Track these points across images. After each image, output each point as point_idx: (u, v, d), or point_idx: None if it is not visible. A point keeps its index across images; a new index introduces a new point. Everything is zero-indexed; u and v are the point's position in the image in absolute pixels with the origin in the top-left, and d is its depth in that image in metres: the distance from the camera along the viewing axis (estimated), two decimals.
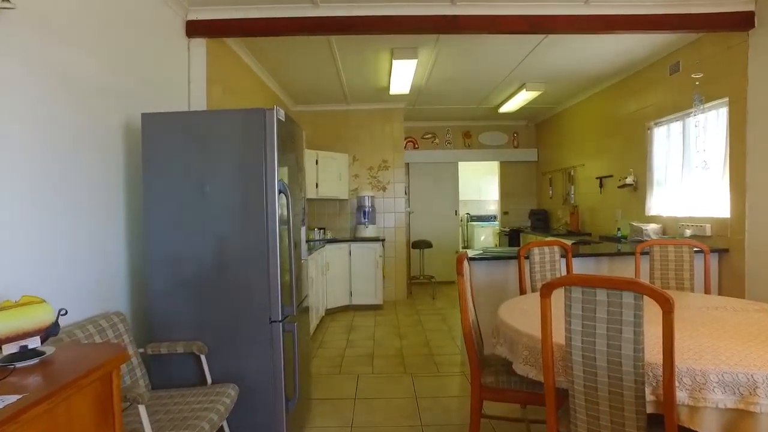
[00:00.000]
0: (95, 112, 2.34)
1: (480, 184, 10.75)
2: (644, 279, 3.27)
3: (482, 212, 10.99)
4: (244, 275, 2.38)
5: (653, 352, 1.59)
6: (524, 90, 5.77)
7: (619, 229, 4.99)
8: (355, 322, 5.59)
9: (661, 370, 1.48)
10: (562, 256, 3.27)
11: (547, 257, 3.17)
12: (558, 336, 1.71)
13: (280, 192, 2.41)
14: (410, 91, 5.93)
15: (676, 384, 1.46)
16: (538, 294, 2.58)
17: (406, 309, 6.28)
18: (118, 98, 2.53)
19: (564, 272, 3.27)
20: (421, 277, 7.39)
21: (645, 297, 1.48)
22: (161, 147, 2.40)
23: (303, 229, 3.04)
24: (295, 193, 2.84)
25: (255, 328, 2.40)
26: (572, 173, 6.77)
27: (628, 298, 1.50)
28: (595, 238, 5.54)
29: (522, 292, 3.09)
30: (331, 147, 6.73)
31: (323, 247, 5.72)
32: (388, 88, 5.78)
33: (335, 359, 4.24)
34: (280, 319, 2.40)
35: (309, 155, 6.04)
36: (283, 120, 2.49)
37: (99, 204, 2.36)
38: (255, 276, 2.38)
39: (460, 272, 2.31)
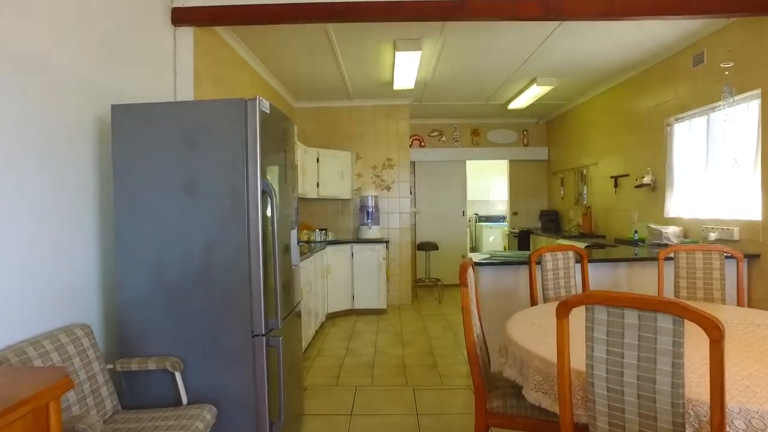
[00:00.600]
0: (66, 105, 2.11)
1: (488, 183, 10.46)
2: (668, 288, 2.99)
3: (491, 213, 10.69)
4: (222, 284, 2.15)
5: (693, 385, 1.32)
6: (535, 85, 5.49)
7: (636, 232, 4.69)
8: (357, 328, 5.35)
9: (706, 409, 1.22)
10: (576, 262, 3.00)
11: (560, 263, 2.90)
12: (577, 361, 1.45)
13: (263, 192, 2.17)
14: (415, 86, 5.67)
15: (727, 429, 1.20)
16: (550, 306, 2.31)
17: (411, 314, 6.02)
18: (93, 90, 2.30)
19: (579, 280, 3.00)
20: (427, 280, 7.13)
21: (686, 321, 1.21)
22: (132, 142, 2.17)
23: (293, 233, 2.80)
24: (285, 192, 2.60)
25: (235, 343, 2.16)
26: (585, 172, 6.47)
27: (665, 321, 1.23)
28: (610, 241, 5.25)
29: (533, 301, 2.83)
30: (334, 145, 6.50)
31: (324, 248, 5.48)
32: (391, 83, 5.53)
33: (333, 369, 4.00)
34: (263, 332, 2.16)
35: (310, 153, 5.81)
36: (268, 111, 2.25)
37: (68, 205, 2.14)
38: (235, 285, 2.14)
39: (463, 283, 2.06)
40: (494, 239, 9.82)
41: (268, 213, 2.21)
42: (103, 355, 2.25)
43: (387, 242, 6.11)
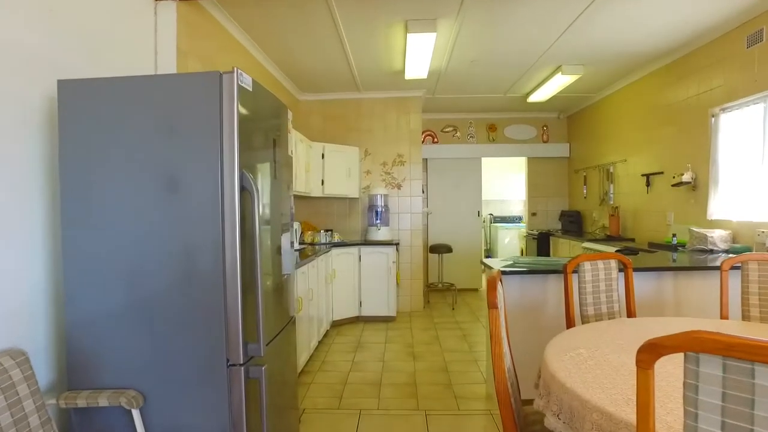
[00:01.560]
0: (11, 84, 1.72)
1: (504, 182, 9.98)
2: (733, 305, 2.53)
3: (506, 213, 10.21)
4: (191, 301, 1.74)
5: None
6: (560, 73, 5.02)
7: (674, 236, 4.20)
8: (364, 338, 4.92)
9: None
10: (620, 270, 2.55)
11: (601, 274, 2.44)
12: (663, 426, 1.01)
13: (243, 189, 1.75)
14: (428, 75, 5.24)
15: None
16: (597, 329, 1.86)
17: (423, 322, 5.59)
18: (49, 66, 1.90)
19: (622, 293, 2.55)
20: (440, 285, 6.69)
21: None
22: (82, 126, 1.77)
23: (286, 237, 2.39)
24: (276, 190, 2.19)
25: (207, 374, 1.75)
26: (611, 170, 5.97)
27: None
28: (642, 245, 4.76)
29: (569, 318, 2.38)
30: (341, 140, 6.09)
31: (329, 251, 5.07)
32: (403, 71, 5.10)
33: (335, 387, 3.58)
34: (241, 361, 1.75)
35: (314, 148, 5.40)
36: (250, 89, 1.84)
37: (12, 204, 1.74)
38: (206, 302, 1.73)
39: (492, 303, 1.62)
40: (510, 241, 9.36)
41: (251, 214, 1.80)
42: (51, 387, 1.85)
43: (397, 244, 5.68)
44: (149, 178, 1.74)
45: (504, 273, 2.96)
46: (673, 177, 4.44)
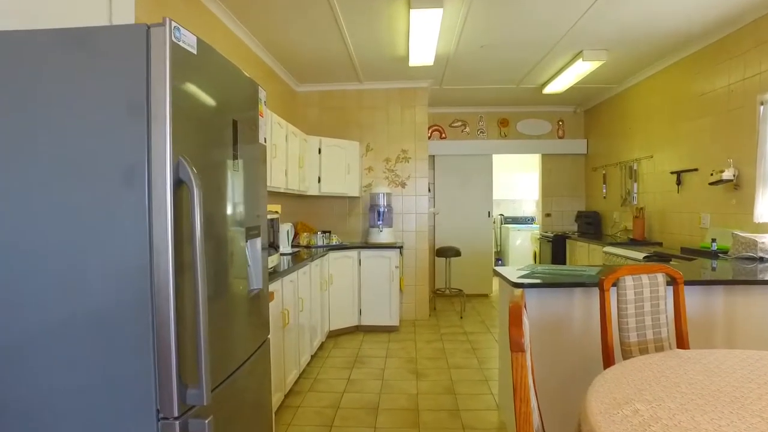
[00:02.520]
0: None
1: (516, 180, 9.47)
2: None
3: (518, 214, 9.71)
4: (107, 333, 1.29)
5: None
6: (581, 60, 4.53)
7: (713, 241, 3.70)
8: (363, 351, 4.47)
9: None
10: (668, 284, 2.07)
11: (646, 291, 1.97)
12: None
13: (180, 182, 1.31)
14: (435, 62, 4.78)
15: None
16: (648, 367, 1.41)
17: (428, 332, 5.12)
18: None
19: (670, 315, 2.07)
20: (447, 290, 6.22)
21: None
22: None
23: (255, 243, 1.94)
24: (241, 185, 1.75)
25: (131, 429, 1.30)
26: (635, 168, 5.47)
27: None
28: (673, 250, 4.26)
29: (606, 350, 1.91)
30: (341, 134, 5.64)
31: (325, 255, 4.63)
32: (407, 57, 4.64)
33: (326, 412, 3.13)
34: (176, 413, 1.30)
35: (310, 142, 4.96)
36: (194, 51, 1.39)
37: None
38: (128, 335, 1.29)
39: (517, 345, 1.15)
40: (521, 243, 8.86)
41: (195, 215, 1.34)
42: None
43: (401, 247, 5.22)
44: (44, 167, 1.29)
45: (521, 286, 2.49)
46: (711, 174, 3.94)
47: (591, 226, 6.52)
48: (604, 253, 4.94)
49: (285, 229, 4.30)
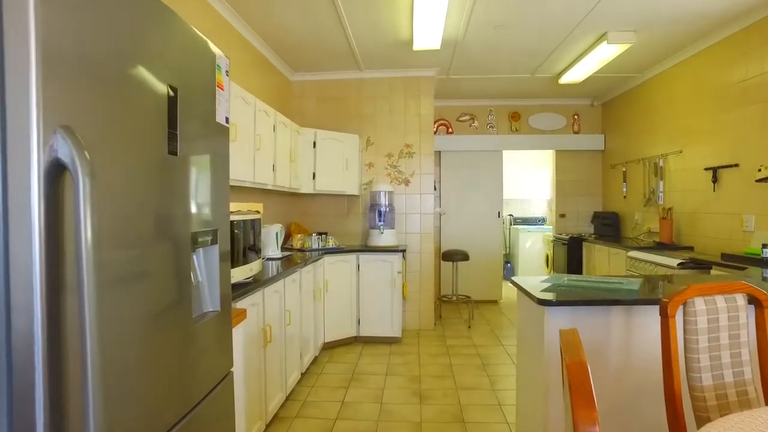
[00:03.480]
0: None
1: (525, 179, 8.99)
2: None
3: (528, 214, 9.22)
4: None
5: None
6: (605, 43, 4.05)
7: (764, 247, 3.21)
8: (360, 366, 4.02)
9: None
10: (749, 303, 1.60)
11: (722, 318, 1.50)
12: None
13: (60, 167, 0.85)
14: (442, 46, 4.31)
15: None
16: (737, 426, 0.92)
17: (433, 344, 4.66)
18: None
19: (753, 347, 1.59)
20: (454, 297, 5.75)
21: None
22: None
23: (212, 252, 1.49)
24: (178, 176, 1.29)
25: None
26: (661, 164, 4.98)
27: None
28: (709, 255, 3.77)
29: (673, 402, 1.43)
30: (340, 126, 5.18)
31: (319, 259, 4.18)
32: (411, 41, 4.18)
33: None
34: None
35: (304, 135, 4.51)
36: None
37: None
38: None
39: (590, 419, 0.69)
40: (532, 245, 8.37)
41: (81, 215, 0.88)
42: None
43: (403, 251, 4.76)
44: None
45: (549, 304, 2.02)
46: (759, 170, 3.46)
47: (609, 227, 6.04)
48: (628, 258, 4.46)
49: (273, 231, 3.85)
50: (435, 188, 5.77)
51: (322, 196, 5.25)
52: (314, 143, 4.56)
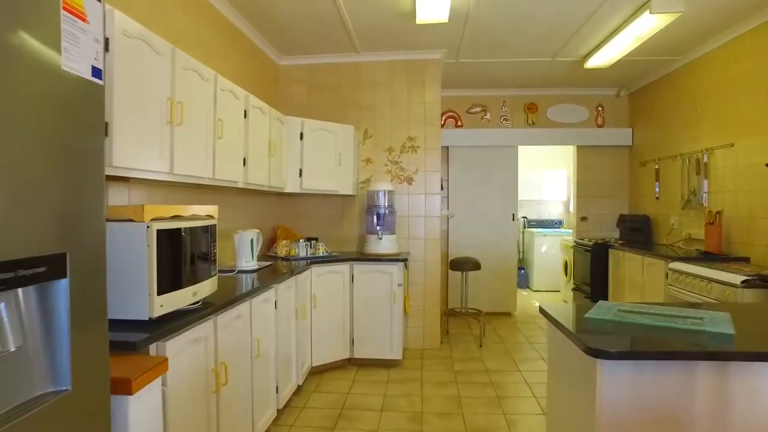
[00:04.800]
0: None
1: (540, 178, 8.28)
2: None
3: (543, 216, 8.53)
4: None
5: None
6: (646, 12, 3.37)
7: None
8: (352, 399, 3.38)
9: None
10: None
11: None
12: None
13: None
14: (450, 21, 3.66)
15: None
16: None
17: (439, 368, 4.01)
18: None
19: None
20: (463, 310, 5.09)
21: None
22: None
23: (56, 291, 0.85)
24: (20, 164, 0.66)
25: None
26: (705, 160, 4.29)
27: None
28: None
29: None
30: (336, 117, 4.55)
31: (306, 269, 3.55)
32: (413, 13, 3.54)
33: None
34: None
35: (290, 125, 3.88)
36: None
37: None
38: None
39: None
40: (547, 250, 7.68)
41: None
42: None
43: (405, 260, 4.12)
44: None
45: (598, 354, 1.37)
46: None
47: (638, 233, 5.35)
48: (669, 271, 3.78)
49: (248, 238, 3.23)
50: (442, 188, 5.12)
51: (314, 197, 4.62)
52: (301, 134, 3.93)
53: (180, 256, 1.85)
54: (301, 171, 3.92)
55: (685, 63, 4.62)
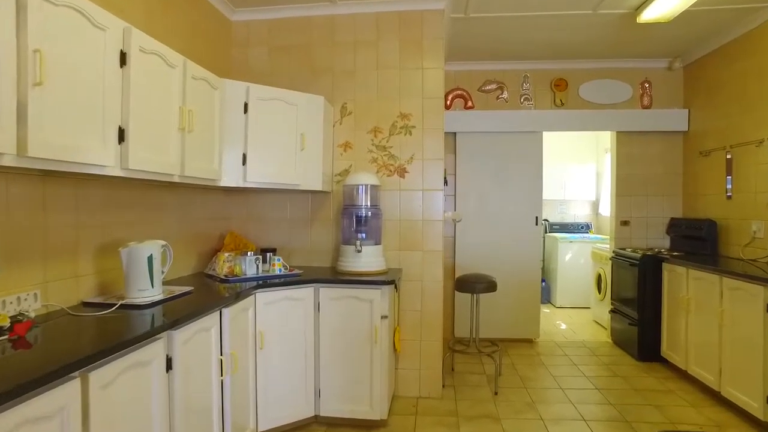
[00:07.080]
0: None
1: (563, 172, 7.05)
2: None
3: (567, 219, 7.33)
4: None
5: None
6: None
7: None
8: None
9: None
10: None
11: None
12: None
13: None
14: None
15: None
16: None
17: (440, 430, 2.86)
18: None
19: None
20: (474, 343, 3.90)
21: None
22: None
23: None
24: None
25: None
26: None
27: None
28: None
29: None
30: (305, 87, 3.40)
31: (249, 296, 2.43)
32: None
33: None
34: None
35: (229, 91, 2.74)
36: None
37: None
38: None
39: None
40: (572, 258, 6.47)
41: None
42: None
43: (393, 282, 2.96)
44: None
45: None
46: None
47: (699, 242, 4.17)
48: None
49: (144, 255, 2.11)
50: (446, 183, 3.97)
51: (271, 193, 3.50)
52: (245, 105, 2.79)
53: None
54: (245, 157, 2.79)
55: (765, 21, 3.43)
